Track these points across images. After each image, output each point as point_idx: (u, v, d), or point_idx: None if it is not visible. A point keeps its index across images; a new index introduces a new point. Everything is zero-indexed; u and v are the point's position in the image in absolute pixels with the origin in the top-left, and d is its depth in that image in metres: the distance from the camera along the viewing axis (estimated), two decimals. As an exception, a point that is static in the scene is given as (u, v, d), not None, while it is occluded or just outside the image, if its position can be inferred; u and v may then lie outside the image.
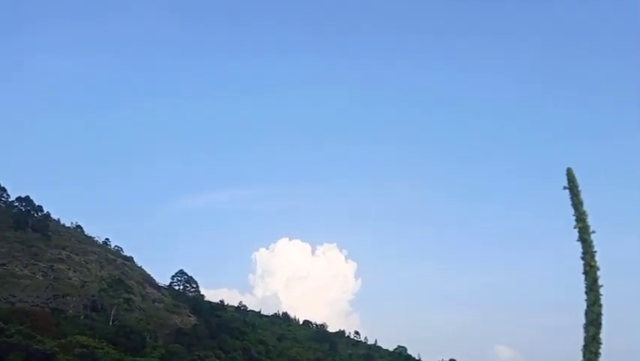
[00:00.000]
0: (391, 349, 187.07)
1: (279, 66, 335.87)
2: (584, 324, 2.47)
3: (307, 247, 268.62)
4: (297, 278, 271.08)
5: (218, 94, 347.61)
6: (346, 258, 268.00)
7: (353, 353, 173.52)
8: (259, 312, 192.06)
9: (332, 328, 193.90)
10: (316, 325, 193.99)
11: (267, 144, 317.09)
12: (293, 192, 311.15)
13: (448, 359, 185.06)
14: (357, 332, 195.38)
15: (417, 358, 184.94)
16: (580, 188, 2.61)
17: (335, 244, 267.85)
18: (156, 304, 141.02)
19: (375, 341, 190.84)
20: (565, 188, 2.65)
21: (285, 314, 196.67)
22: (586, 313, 2.47)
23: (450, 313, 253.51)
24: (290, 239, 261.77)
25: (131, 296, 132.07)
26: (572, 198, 2.62)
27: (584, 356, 2.44)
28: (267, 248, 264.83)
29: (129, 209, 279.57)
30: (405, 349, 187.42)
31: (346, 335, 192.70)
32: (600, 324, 2.45)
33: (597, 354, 2.42)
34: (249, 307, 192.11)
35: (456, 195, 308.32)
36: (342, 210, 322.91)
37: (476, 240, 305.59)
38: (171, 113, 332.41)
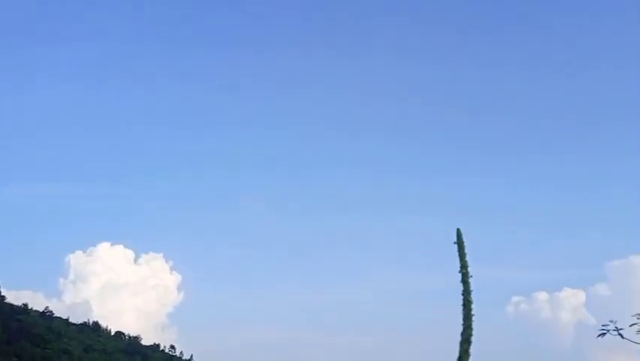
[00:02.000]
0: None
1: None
2: (460, 341, 3.52)
3: (130, 254, 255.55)
4: (114, 286, 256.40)
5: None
6: (171, 269, 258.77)
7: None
8: (67, 319, 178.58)
9: (146, 341, 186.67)
10: (129, 337, 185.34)
11: (107, 141, 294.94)
12: (122, 193, 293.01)
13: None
14: (172, 346, 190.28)
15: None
16: (465, 243, 3.70)
17: (162, 253, 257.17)
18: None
19: (191, 357, 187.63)
20: (455, 243, 3.73)
21: (96, 324, 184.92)
22: (462, 334, 3.53)
23: (274, 333, 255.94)
24: (112, 244, 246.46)
25: None
26: (459, 251, 3.71)
27: (458, 366, 3.48)
28: (85, 252, 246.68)
29: None
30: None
31: (161, 348, 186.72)
32: (471, 342, 3.53)
33: (467, 365, 3.48)
34: (56, 314, 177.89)
35: (295, 214, 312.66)
36: (177, 220, 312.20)
37: (309, 261, 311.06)
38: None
